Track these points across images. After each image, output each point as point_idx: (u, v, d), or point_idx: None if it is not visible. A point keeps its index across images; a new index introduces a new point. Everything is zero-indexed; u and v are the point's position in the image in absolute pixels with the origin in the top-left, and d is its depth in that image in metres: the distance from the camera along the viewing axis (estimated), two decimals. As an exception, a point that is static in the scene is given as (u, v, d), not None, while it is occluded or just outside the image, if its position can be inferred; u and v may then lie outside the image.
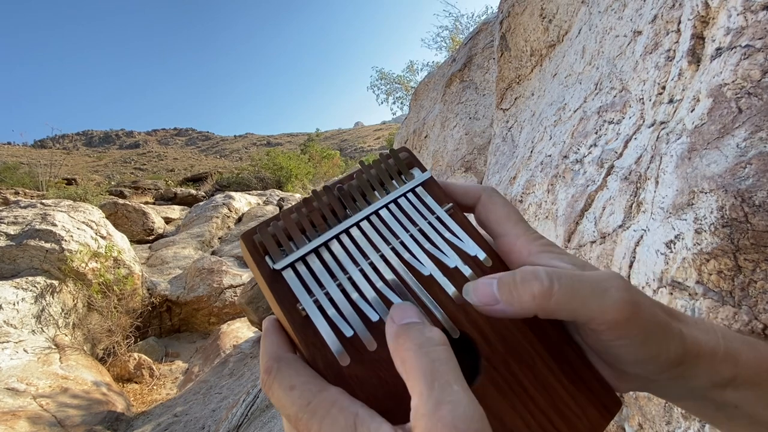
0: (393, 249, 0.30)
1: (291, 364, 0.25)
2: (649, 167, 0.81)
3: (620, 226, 0.84)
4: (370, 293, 0.27)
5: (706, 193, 0.63)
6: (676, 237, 0.67)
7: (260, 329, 5.44)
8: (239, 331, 6.05)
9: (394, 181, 0.33)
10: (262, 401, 3.51)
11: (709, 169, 0.64)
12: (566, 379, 0.27)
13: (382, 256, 0.29)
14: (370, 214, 0.31)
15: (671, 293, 0.66)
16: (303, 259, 0.28)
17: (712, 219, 0.61)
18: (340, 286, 0.28)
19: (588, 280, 0.25)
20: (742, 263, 0.56)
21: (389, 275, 0.28)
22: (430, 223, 0.31)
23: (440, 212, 0.32)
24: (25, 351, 4.49)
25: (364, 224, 0.30)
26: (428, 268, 0.29)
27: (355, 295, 0.27)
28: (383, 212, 0.31)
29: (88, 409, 4.14)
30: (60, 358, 4.73)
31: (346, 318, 0.26)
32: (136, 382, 5.31)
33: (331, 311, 0.26)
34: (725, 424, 0.29)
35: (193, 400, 4.57)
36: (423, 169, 0.34)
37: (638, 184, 0.83)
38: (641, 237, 0.76)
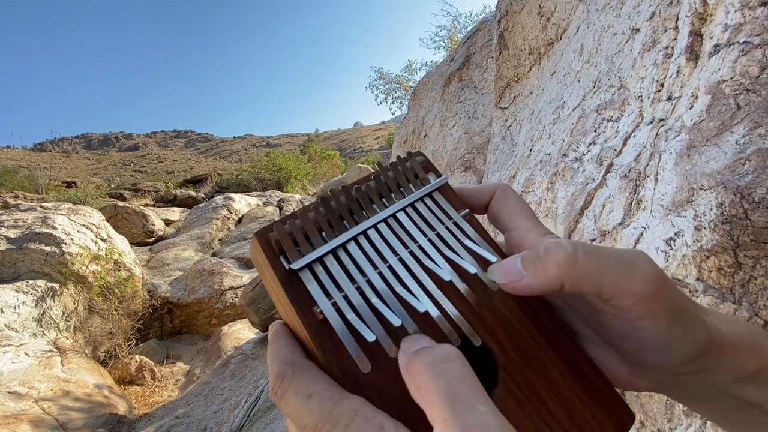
0: (412, 253, 0.29)
1: (307, 370, 0.23)
2: (648, 165, 0.81)
3: (620, 224, 0.84)
4: (390, 297, 0.26)
5: (705, 190, 0.63)
6: (675, 234, 0.67)
7: (261, 330, 5.46)
8: (240, 332, 6.05)
9: (411, 185, 0.33)
10: (264, 402, 3.51)
11: (709, 166, 0.64)
12: (582, 391, 0.26)
13: (401, 260, 0.28)
14: (388, 216, 0.30)
15: (671, 290, 0.66)
16: (320, 260, 0.27)
17: (711, 216, 0.61)
18: (358, 289, 0.26)
19: (613, 253, 0.24)
20: (742, 260, 0.56)
21: (409, 279, 0.27)
22: (447, 228, 0.31)
23: (457, 217, 0.31)
24: (26, 354, 4.49)
25: (382, 227, 0.30)
26: (448, 273, 0.28)
27: (374, 299, 0.26)
28: (401, 216, 0.31)
29: (90, 412, 4.14)
30: (61, 361, 4.73)
31: (366, 322, 0.25)
32: (137, 385, 5.31)
33: (350, 315, 0.25)
34: (745, 428, 0.28)
35: (195, 402, 4.57)
36: (438, 174, 0.34)
37: (638, 182, 0.83)
38: (641, 234, 0.76)
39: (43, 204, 6.73)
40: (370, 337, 0.24)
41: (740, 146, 0.61)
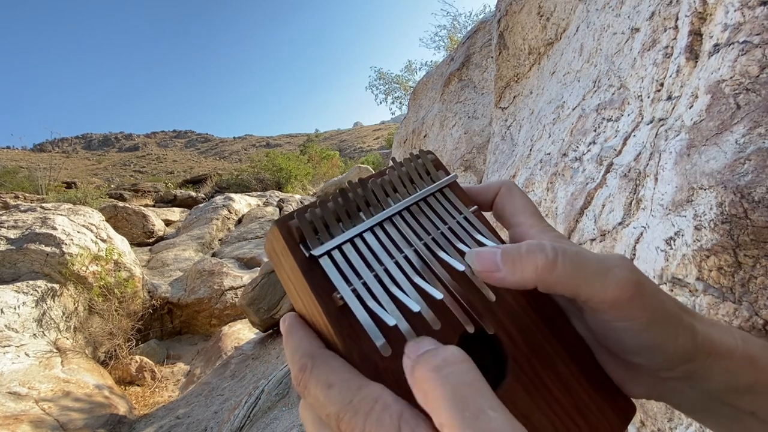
0: (426, 244, 0.30)
1: (327, 360, 0.23)
2: (648, 164, 0.81)
3: (620, 224, 0.84)
4: (407, 285, 0.27)
5: (705, 189, 0.63)
6: (675, 234, 0.67)
7: (262, 330, 5.46)
8: (240, 332, 6.05)
9: (423, 181, 0.34)
10: (264, 403, 3.51)
11: (708, 166, 0.64)
12: (586, 381, 0.27)
13: (416, 251, 0.29)
14: (402, 209, 0.31)
15: (672, 290, 0.66)
16: (339, 247, 0.28)
17: (711, 215, 0.61)
18: (376, 276, 0.27)
19: (593, 258, 0.24)
20: (742, 259, 0.56)
21: (424, 269, 0.28)
22: (458, 223, 0.32)
23: (467, 213, 0.33)
24: (26, 355, 4.49)
25: (397, 219, 0.31)
26: (461, 264, 0.29)
27: (392, 287, 0.26)
28: (414, 209, 0.32)
29: (91, 413, 4.14)
30: (62, 361, 4.73)
31: (386, 308, 0.25)
32: (138, 385, 5.31)
33: (370, 301, 0.25)
34: None
35: (195, 402, 4.57)
36: (447, 172, 0.35)
37: (637, 182, 0.83)
38: (641, 234, 0.76)
39: (43, 204, 6.72)
40: (391, 322, 0.24)
41: (740, 146, 0.61)
